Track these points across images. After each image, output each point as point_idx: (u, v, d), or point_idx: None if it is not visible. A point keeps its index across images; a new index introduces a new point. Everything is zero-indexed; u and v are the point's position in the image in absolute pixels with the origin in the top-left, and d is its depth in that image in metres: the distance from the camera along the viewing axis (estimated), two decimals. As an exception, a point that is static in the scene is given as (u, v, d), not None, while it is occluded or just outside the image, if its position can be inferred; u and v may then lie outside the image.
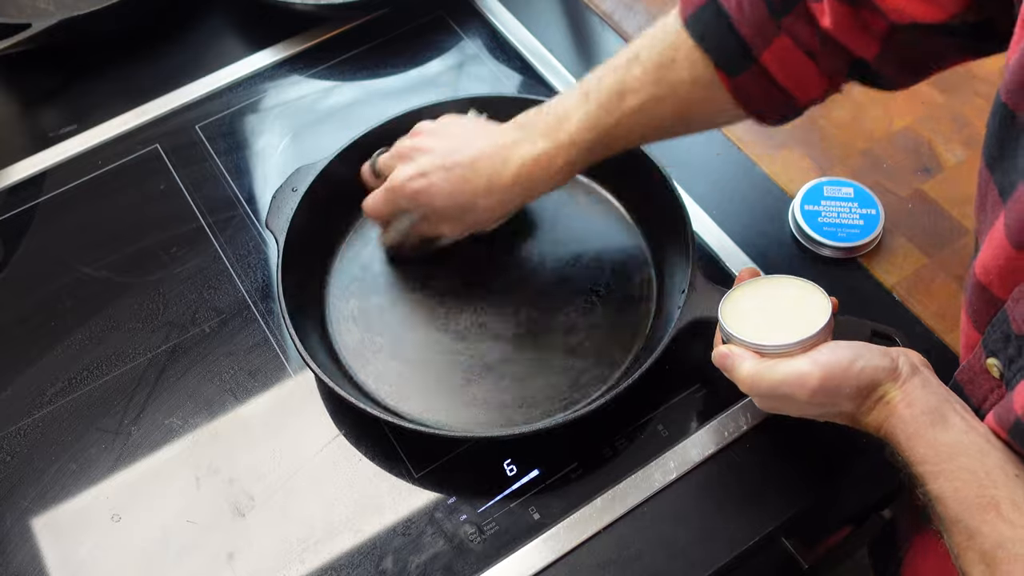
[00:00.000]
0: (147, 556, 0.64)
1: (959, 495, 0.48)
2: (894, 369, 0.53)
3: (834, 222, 0.76)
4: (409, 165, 0.68)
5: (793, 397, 0.55)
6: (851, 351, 0.54)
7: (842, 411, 0.55)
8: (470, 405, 0.69)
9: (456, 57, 0.93)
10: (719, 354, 0.60)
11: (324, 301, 0.74)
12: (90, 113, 0.90)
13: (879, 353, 0.54)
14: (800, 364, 0.55)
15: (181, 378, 0.72)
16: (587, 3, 0.97)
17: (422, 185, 0.67)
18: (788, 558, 0.77)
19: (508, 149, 0.66)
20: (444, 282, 0.75)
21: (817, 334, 0.56)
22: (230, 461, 0.68)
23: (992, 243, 0.48)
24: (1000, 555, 0.46)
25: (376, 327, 0.73)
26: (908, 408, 0.52)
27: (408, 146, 0.70)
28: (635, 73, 0.63)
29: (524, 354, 0.71)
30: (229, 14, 0.98)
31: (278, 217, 0.72)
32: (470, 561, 0.63)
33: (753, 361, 0.57)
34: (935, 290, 0.74)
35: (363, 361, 0.71)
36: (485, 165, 0.66)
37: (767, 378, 0.56)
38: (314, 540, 0.64)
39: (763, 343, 0.57)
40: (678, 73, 0.61)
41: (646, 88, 0.62)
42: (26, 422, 0.71)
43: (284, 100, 0.90)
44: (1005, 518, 0.46)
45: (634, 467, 0.66)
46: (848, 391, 0.54)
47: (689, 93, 0.62)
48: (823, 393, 0.54)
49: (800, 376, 0.54)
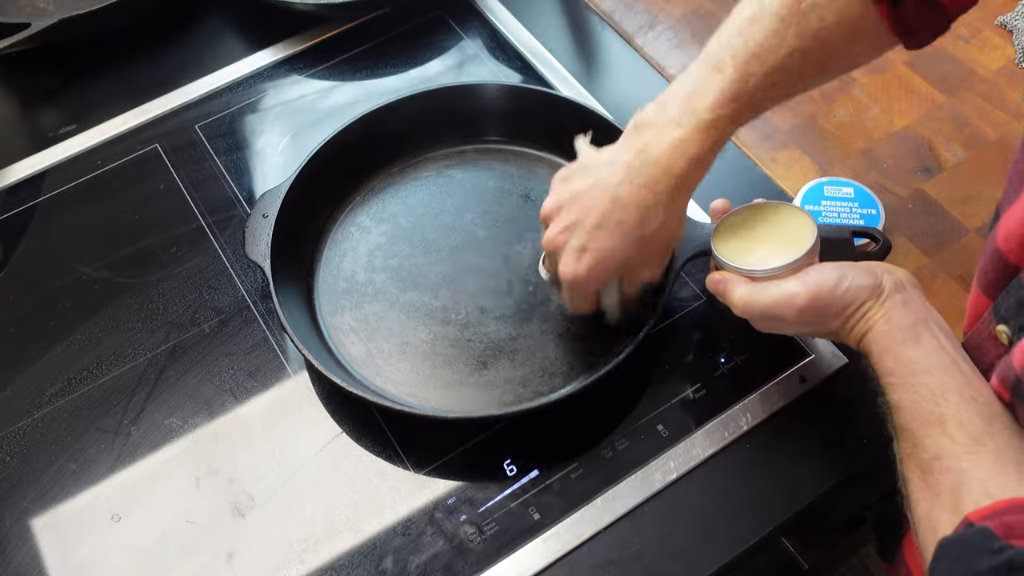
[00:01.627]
0: (147, 556, 0.64)
1: (913, 407, 0.52)
2: (877, 287, 0.56)
3: (834, 222, 0.76)
4: (566, 255, 0.63)
5: (784, 317, 0.59)
6: (837, 271, 0.57)
7: (829, 329, 0.59)
8: (493, 387, 0.69)
9: (456, 57, 0.93)
10: (713, 280, 0.64)
11: (318, 319, 0.73)
12: (90, 113, 0.90)
13: (864, 271, 0.57)
14: (789, 286, 0.58)
15: (181, 378, 0.72)
16: (587, 3, 0.97)
17: (592, 260, 0.62)
18: (788, 558, 0.77)
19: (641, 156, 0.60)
20: (433, 276, 0.75)
21: (804, 256, 0.60)
22: (230, 461, 0.68)
23: (1016, 212, 0.49)
24: (935, 466, 0.50)
25: (379, 334, 0.72)
26: (886, 324, 0.55)
27: (551, 240, 0.64)
28: (766, 27, 0.58)
29: (531, 328, 0.72)
30: (229, 14, 0.98)
31: (257, 245, 0.72)
32: (470, 561, 0.63)
33: (745, 285, 0.61)
34: (935, 290, 0.74)
35: (375, 369, 0.71)
36: (626, 193, 0.60)
37: (759, 300, 0.60)
38: (314, 540, 0.64)
39: (753, 268, 0.61)
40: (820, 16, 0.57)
41: (786, 42, 0.58)
42: (26, 422, 0.71)
43: (284, 100, 0.90)
44: (947, 434, 0.50)
45: (634, 467, 0.66)
46: (835, 309, 0.57)
47: (834, 35, 0.58)
48: (811, 312, 0.58)
49: (789, 296, 0.58)
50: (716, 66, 0.59)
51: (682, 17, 0.95)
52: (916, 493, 0.51)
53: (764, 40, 0.58)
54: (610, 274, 0.64)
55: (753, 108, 0.60)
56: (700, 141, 0.59)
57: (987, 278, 0.53)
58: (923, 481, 0.51)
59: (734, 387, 0.69)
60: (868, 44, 0.60)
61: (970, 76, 0.88)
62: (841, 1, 0.57)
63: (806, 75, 0.61)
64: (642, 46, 0.93)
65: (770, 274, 0.60)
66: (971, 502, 0.47)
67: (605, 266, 0.62)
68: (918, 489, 0.51)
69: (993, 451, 0.48)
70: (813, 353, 0.71)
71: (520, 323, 0.72)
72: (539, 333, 0.72)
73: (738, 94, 0.59)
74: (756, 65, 0.58)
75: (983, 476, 0.48)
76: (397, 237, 0.78)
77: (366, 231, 0.78)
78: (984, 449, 0.48)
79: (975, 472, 0.48)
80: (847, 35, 0.58)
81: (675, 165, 0.60)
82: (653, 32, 0.94)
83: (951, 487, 0.48)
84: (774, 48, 0.58)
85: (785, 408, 0.68)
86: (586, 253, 0.62)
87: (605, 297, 0.67)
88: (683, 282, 0.75)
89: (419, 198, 0.80)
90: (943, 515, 0.48)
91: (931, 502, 0.49)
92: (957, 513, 0.47)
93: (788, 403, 0.69)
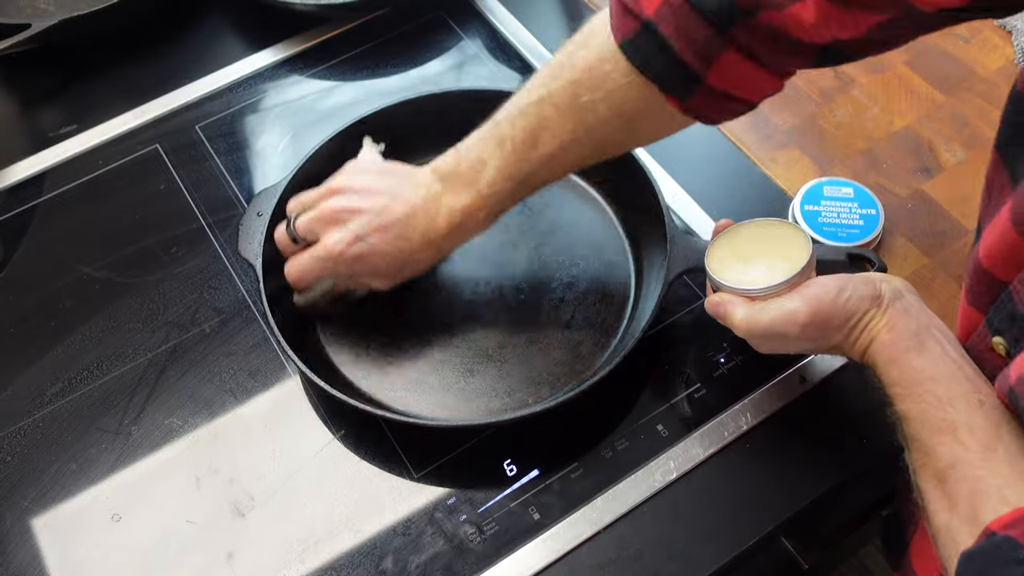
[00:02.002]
0: (147, 556, 0.64)
1: (923, 416, 0.51)
2: (877, 296, 0.56)
3: (834, 222, 0.76)
4: (342, 231, 0.65)
5: (787, 335, 0.58)
6: (836, 283, 0.57)
7: (832, 343, 0.58)
8: (479, 395, 0.69)
9: (456, 57, 0.93)
10: (711, 303, 0.63)
11: (309, 323, 0.73)
12: (90, 113, 0.90)
13: (862, 282, 0.57)
14: (789, 302, 0.57)
15: (181, 378, 0.72)
16: (587, 3, 0.97)
17: (362, 250, 0.65)
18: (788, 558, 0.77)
19: (437, 201, 0.65)
20: (423, 282, 0.74)
21: (800, 271, 0.58)
22: (230, 461, 0.68)
23: (996, 228, 0.49)
24: (951, 475, 0.49)
25: (369, 340, 0.72)
26: (889, 333, 0.55)
27: (334, 209, 0.66)
28: (547, 115, 0.61)
29: (521, 336, 0.72)
30: (229, 14, 0.98)
31: (250, 243, 0.72)
32: (470, 561, 0.63)
33: (745, 306, 0.60)
34: (935, 290, 0.74)
35: (364, 373, 0.71)
36: (420, 221, 0.65)
37: (760, 320, 0.59)
38: (314, 540, 0.64)
39: (751, 287, 0.60)
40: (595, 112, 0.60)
41: (564, 128, 0.61)
42: (26, 422, 0.71)
43: (284, 100, 0.90)
44: (960, 441, 0.49)
45: (634, 467, 0.66)
46: (837, 322, 0.56)
47: (613, 125, 0.60)
48: (813, 327, 0.57)
49: (790, 313, 0.57)
50: (500, 142, 0.63)
51: (682, 17, 0.95)
52: (933, 504, 0.50)
53: (544, 126, 0.61)
54: (361, 269, 0.66)
55: (530, 186, 0.65)
56: (481, 209, 0.65)
57: (974, 292, 0.53)
58: (939, 491, 0.50)
59: (734, 387, 0.69)
60: (658, 125, 0.62)
61: (970, 76, 0.88)
62: (618, 96, 0.58)
63: (586, 158, 0.64)
64: (642, 46, 0.93)
65: (768, 292, 0.59)
66: (990, 510, 0.46)
67: (367, 262, 0.65)
68: (935, 500, 0.50)
69: (1006, 456, 0.48)
70: (813, 353, 0.71)
71: (510, 332, 0.72)
72: (528, 342, 0.72)
73: (513, 175, 0.63)
74: (533, 150, 0.62)
75: (1000, 483, 0.47)
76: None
77: None
78: (996, 455, 0.48)
79: (992, 479, 0.47)
80: (628, 124, 0.61)
81: (460, 220, 0.65)
82: (653, 32, 0.94)
83: (968, 496, 0.47)
84: (553, 136, 0.61)
85: (785, 408, 0.68)
86: (361, 242, 0.65)
87: (323, 283, 0.70)
88: (683, 282, 0.75)
89: (414, 202, 0.80)
90: (963, 526, 0.47)
91: (949, 512, 0.48)
92: (977, 523, 0.46)
93: (788, 403, 0.69)
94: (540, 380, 0.70)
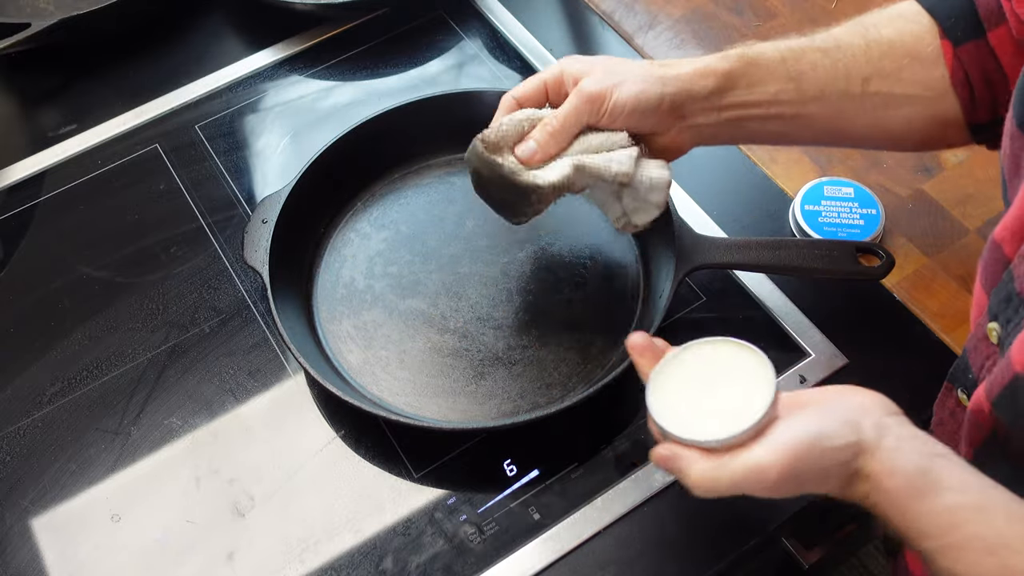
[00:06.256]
0: (147, 556, 0.64)
1: (978, 569, 0.44)
2: (858, 443, 0.48)
3: (834, 222, 0.76)
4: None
5: (756, 493, 0.49)
6: (808, 432, 0.48)
7: (817, 492, 0.50)
8: (490, 398, 0.69)
9: (456, 57, 0.93)
10: (660, 457, 0.52)
11: (317, 326, 0.73)
12: (90, 113, 0.90)
13: (840, 423, 0.48)
14: (756, 456, 0.48)
15: (181, 378, 0.72)
16: (587, 3, 0.97)
17: None
18: (788, 558, 0.77)
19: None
20: (432, 284, 0.75)
21: (767, 412, 0.49)
22: (230, 461, 0.68)
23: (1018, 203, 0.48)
24: None
25: (377, 342, 0.72)
26: (891, 479, 0.47)
27: None
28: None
29: (530, 338, 0.72)
30: (229, 14, 0.98)
31: (256, 251, 0.72)
32: (470, 561, 0.63)
33: (702, 461, 0.50)
34: (935, 290, 0.74)
35: (372, 377, 0.70)
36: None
37: (722, 480, 0.49)
38: (314, 540, 0.64)
39: (707, 439, 0.49)
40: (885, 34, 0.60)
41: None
42: (26, 422, 0.71)
43: (284, 100, 0.90)
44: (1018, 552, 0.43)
45: (634, 467, 0.66)
46: (813, 476, 0.48)
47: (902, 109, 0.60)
48: (787, 482, 0.48)
49: (758, 470, 0.48)
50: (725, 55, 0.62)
51: (682, 17, 0.95)
52: None
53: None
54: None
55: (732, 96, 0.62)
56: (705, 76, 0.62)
57: (986, 271, 0.52)
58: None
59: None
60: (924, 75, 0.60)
61: (970, 76, 0.88)
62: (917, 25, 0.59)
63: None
64: (642, 46, 0.93)
65: (730, 443, 0.49)
66: None
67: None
68: None
69: None
70: (813, 353, 0.71)
71: (519, 333, 0.72)
72: (537, 343, 0.71)
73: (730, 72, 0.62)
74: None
75: None
76: (397, 244, 0.77)
77: (366, 237, 0.78)
78: None
79: None
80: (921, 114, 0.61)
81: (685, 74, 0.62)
82: (653, 32, 0.94)
83: None
84: None
85: (785, 408, 0.68)
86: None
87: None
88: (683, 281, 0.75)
89: (420, 205, 0.80)
90: None
91: None
92: None
93: (788, 403, 0.68)
94: (551, 382, 0.69)
